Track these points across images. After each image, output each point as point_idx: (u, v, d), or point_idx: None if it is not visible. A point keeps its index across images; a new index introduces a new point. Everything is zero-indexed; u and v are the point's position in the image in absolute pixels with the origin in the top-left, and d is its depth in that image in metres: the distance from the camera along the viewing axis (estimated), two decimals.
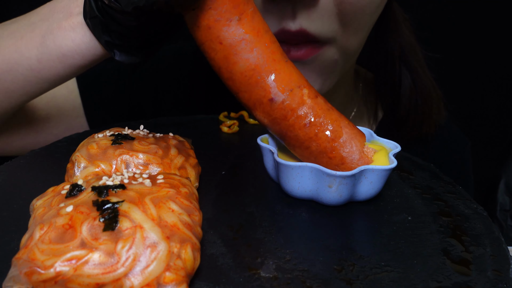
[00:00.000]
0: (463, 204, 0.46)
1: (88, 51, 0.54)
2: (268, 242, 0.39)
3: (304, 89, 0.44)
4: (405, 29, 0.83)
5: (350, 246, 0.39)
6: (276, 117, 0.44)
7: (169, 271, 0.31)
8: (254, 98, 0.45)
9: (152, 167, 0.44)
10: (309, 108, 0.44)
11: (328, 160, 0.45)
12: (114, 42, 0.52)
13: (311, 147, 0.44)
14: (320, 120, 0.44)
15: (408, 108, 0.84)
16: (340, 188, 0.42)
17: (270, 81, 0.44)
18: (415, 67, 0.83)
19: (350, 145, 0.44)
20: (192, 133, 0.61)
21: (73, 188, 0.36)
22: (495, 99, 1.47)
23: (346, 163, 0.44)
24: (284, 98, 0.44)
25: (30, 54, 0.55)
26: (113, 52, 0.53)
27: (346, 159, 0.44)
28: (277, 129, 0.46)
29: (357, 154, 0.45)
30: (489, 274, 0.35)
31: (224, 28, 0.42)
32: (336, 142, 0.44)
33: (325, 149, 0.44)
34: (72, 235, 0.31)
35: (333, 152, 0.44)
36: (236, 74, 0.44)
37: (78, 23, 0.53)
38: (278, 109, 0.44)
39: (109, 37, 0.51)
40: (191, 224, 0.35)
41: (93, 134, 0.48)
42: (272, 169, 0.47)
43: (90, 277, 0.30)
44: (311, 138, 0.44)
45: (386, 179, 0.44)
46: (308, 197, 0.45)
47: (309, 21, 0.62)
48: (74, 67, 0.56)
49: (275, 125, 0.45)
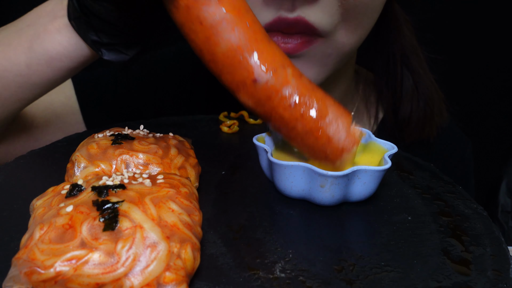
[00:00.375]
0: (463, 204, 0.46)
1: (76, 53, 0.54)
2: (268, 242, 0.39)
3: (288, 69, 0.43)
4: (406, 30, 0.82)
5: (350, 246, 0.39)
6: (260, 98, 0.43)
7: (169, 271, 0.31)
8: (237, 80, 0.43)
9: (152, 167, 0.44)
10: (294, 87, 0.43)
11: (315, 140, 0.44)
12: (101, 40, 0.51)
13: (297, 127, 0.43)
14: (305, 100, 0.43)
15: (409, 110, 0.83)
16: (332, 188, 0.42)
17: (253, 61, 0.42)
18: (416, 69, 0.83)
19: (336, 124, 0.43)
20: (192, 133, 0.61)
21: (73, 188, 0.36)
22: (497, 99, 1.47)
23: (332, 142, 0.43)
24: (268, 78, 0.42)
25: (19, 60, 0.55)
26: (100, 52, 0.52)
27: (332, 138, 0.43)
28: (262, 111, 0.44)
29: (343, 133, 0.43)
30: (489, 274, 0.35)
31: (204, 7, 0.41)
32: (322, 121, 0.43)
33: (311, 129, 0.43)
34: (72, 235, 0.31)
35: (319, 132, 0.43)
36: (218, 55, 0.43)
37: (63, 25, 0.53)
38: (262, 89, 0.43)
39: (95, 35, 0.51)
40: (191, 224, 0.35)
41: (93, 134, 0.48)
42: (267, 168, 0.47)
43: (90, 277, 0.30)
44: (297, 118, 0.43)
45: (380, 180, 0.44)
46: (301, 196, 0.45)
47: (309, 11, 0.60)
48: (63, 70, 0.56)
49: (259, 107, 0.44)
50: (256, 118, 0.67)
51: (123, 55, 0.53)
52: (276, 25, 0.61)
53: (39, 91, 0.58)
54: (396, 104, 0.84)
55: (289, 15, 0.60)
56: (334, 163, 0.45)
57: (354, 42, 0.68)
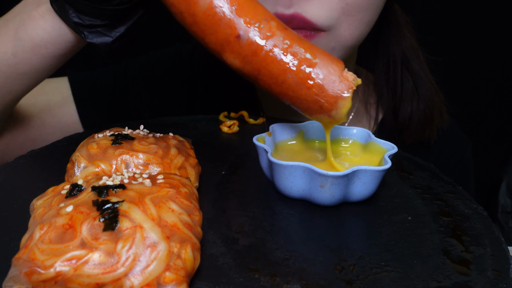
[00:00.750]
0: (463, 204, 0.46)
1: (60, 38, 0.54)
2: (268, 242, 0.39)
3: (272, 22, 0.43)
4: (406, 32, 0.82)
5: (350, 246, 0.39)
6: (246, 54, 0.42)
7: (169, 271, 0.31)
8: (221, 38, 0.42)
9: (152, 167, 0.44)
10: (279, 39, 0.42)
11: (307, 90, 0.42)
12: (83, 22, 0.51)
13: (287, 80, 0.42)
14: (292, 50, 0.42)
15: (409, 112, 0.83)
16: (332, 188, 0.42)
17: (235, 16, 0.41)
18: (417, 70, 0.83)
19: (327, 71, 0.42)
20: (192, 133, 0.61)
21: (73, 188, 0.36)
22: (497, 99, 1.47)
23: (325, 90, 0.42)
24: (253, 32, 0.42)
25: (6, 49, 0.55)
26: (83, 34, 0.52)
27: (324, 86, 0.42)
28: (250, 69, 0.43)
29: (336, 79, 0.42)
30: (489, 274, 0.35)
31: None
32: (313, 69, 0.42)
33: (302, 79, 0.42)
34: (72, 235, 0.31)
35: (310, 82, 0.42)
36: (198, 15, 0.42)
37: (46, 9, 0.53)
38: (247, 45, 0.42)
39: (77, 18, 0.51)
40: (191, 224, 0.35)
41: (93, 134, 0.48)
42: (267, 168, 0.47)
43: (90, 277, 0.30)
44: (285, 70, 0.42)
45: (380, 180, 0.44)
46: (301, 196, 0.45)
47: (306, 7, 0.60)
48: (49, 57, 0.56)
49: (247, 65, 0.43)
50: (256, 118, 0.67)
51: (106, 37, 0.52)
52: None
53: (28, 82, 0.58)
54: (396, 106, 0.84)
55: (285, 11, 0.60)
56: (330, 113, 0.43)
57: (357, 36, 0.67)
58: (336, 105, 0.42)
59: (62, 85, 0.82)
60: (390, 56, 0.82)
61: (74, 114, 0.81)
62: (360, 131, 0.52)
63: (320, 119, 0.44)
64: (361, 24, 0.65)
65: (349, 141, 0.52)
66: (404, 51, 0.82)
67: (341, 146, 0.52)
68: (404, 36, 0.82)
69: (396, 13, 0.81)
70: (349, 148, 0.52)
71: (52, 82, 0.82)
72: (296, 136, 0.53)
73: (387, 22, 0.80)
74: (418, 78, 0.83)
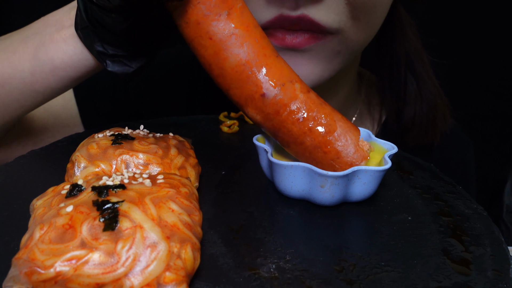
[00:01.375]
0: (463, 204, 0.46)
1: (80, 63, 0.54)
2: (268, 242, 0.39)
3: (296, 84, 0.44)
4: (411, 34, 0.81)
5: (350, 246, 0.39)
6: (268, 112, 0.44)
7: (169, 271, 0.31)
8: (245, 94, 0.44)
9: (152, 167, 0.44)
10: (302, 102, 0.44)
11: (323, 155, 0.44)
12: (106, 52, 0.52)
13: (306, 142, 0.44)
14: (313, 114, 0.44)
15: (412, 115, 0.82)
16: (332, 188, 0.42)
17: (262, 76, 0.43)
18: (420, 73, 0.82)
19: (345, 139, 0.44)
20: (192, 133, 0.61)
21: (73, 188, 0.36)
22: (500, 100, 1.46)
23: (341, 157, 0.44)
24: (276, 93, 0.43)
25: (23, 67, 0.55)
26: (105, 63, 0.52)
27: (341, 153, 0.44)
28: (270, 126, 0.45)
29: (352, 148, 0.44)
30: (489, 274, 0.35)
31: (214, 23, 0.42)
32: (331, 135, 0.44)
33: (320, 144, 0.44)
34: (72, 235, 0.31)
35: (328, 146, 0.44)
36: (226, 70, 0.44)
37: (70, 34, 0.53)
38: (270, 104, 0.44)
39: (101, 47, 0.51)
40: (191, 224, 0.35)
41: (93, 134, 0.48)
42: (267, 168, 0.47)
43: (90, 277, 0.30)
44: (305, 132, 0.44)
45: (380, 180, 0.44)
46: (301, 196, 0.45)
47: (313, 9, 0.60)
48: (67, 79, 0.56)
49: (268, 121, 0.45)
50: None
51: (127, 67, 0.53)
52: (278, 23, 0.61)
53: (41, 99, 0.59)
54: (399, 108, 0.83)
55: (291, 13, 0.60)
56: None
57: (363, 40, 0.67)
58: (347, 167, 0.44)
59: None
60: (394, 58, 0.82)
61: (76, 116, 0.81)
62: (361, 131, 0.52)
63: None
64: (368, 28, 0.65)
65: None
66: (408, 53, 0.81)
67: None
68: (408, 38, 0.81)
69: (401, 15, 0.81)
70: None
71: None
72: None
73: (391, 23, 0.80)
74: (422, 81, 0.82)
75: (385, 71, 0.84)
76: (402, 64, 0.82)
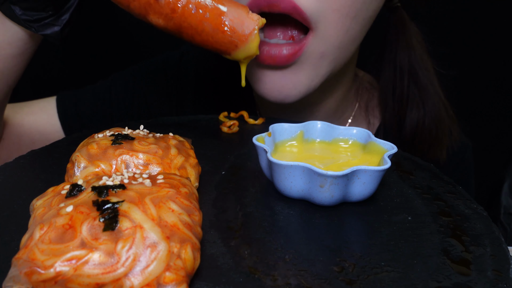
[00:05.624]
0: (463, 204, 0.46)
1: (14, 37, 0.60)
2: (268, 242, 0.39)
3: None
4: (416, 42, 0.78)
5: (350, 246, 0.39)
6: (167, 13, 0.51)
7: (169, 271, 0.31)
8: (143, 3, 0.50)
9: (152, 167, 0.44)
10: None
11: (223, 34, 0.52)
12: (31, 18, 0.57)
13: (205, 28, 0.51)
14: (204, 3, 0.51)
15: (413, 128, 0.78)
16: (331, 188, 0.42)
17: None
18: (424, 84, 0.78)
19: (235, 15, 0.51)
20: (192, 133, 0.61)
21: (73, 188, 0.36)
22: (499, 100, 1.46)
23: (237, 30, 0.51)
24: None
25: None
26: (33, 28, 0.58)
27: (235, 27, 0.51)
28: (173, 25, 0.51)
29: (243, 21, 0.51)
30: (489, 274, 0.35)
31: None
32: (223, 15, 0.51)
33: (217, 25, 0.51)
34: (72, 235, 0.31)
35: (223, 26, 0.51)
36: None
37: None
38: (165, 4, 0.50)
39: (24, 15, 0.57)
40: (191, 224, 0.35)
41: (93, 134, 0.48)
42: (267, 168, 0.47)
43: (90, 277, 0.30)
44: (201, 20, 0.51)
45: (379, 180, 0.44)
46: (300, 196, 0.45)
47: None
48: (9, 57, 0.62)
49: (169, 22, 0.51)
50: (256, 119, 0.67)
51: (55, 27, 0.59)
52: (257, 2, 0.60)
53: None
54: (401, 119, 0.80)
55: None
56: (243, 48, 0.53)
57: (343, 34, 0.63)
58: (247, 41, 0.53)
59: (49, 104, 0.85)
60: (397, 66, 0.79)
61: (60, 131, 0.84)
62: (360, 131, 0.52)
63: (238, 56, 0.54)
64: (347, 20, 0.62)
65: (349, 142, 0.52)
66: (412, 62, 0.78)
67: (341, 146, 0.52)
68: (413, 46, 0.78)
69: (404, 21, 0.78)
70: (349, 149, 0.52)
71: (40, 102, 0.86)
72: (296, 136, 0.53)
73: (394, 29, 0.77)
74: (426, 93, 0.78)
75: (387, 79, 0.81)
76: (405, 73, 0.78)
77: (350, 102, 0.87)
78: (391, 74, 0.80)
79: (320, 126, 0.53)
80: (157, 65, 0.92)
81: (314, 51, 0.63)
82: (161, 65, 0.92)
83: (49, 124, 0.83)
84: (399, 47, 0.78)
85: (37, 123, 0.82)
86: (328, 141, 0.53)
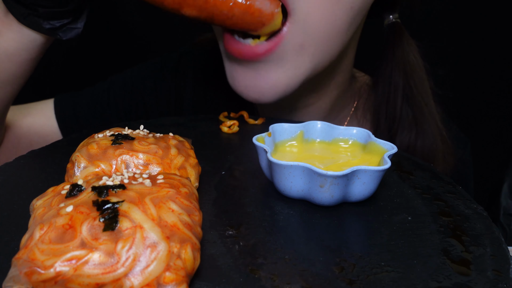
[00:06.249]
0: (463, 204, 0.46)
1: (31, 44, 0.61)
2: (268, 242, 0.39)
3: None
4: (412, 57, 0.74)
5: (350, 246, 0.39)
6: (200, 5, 0.55)
7: (169, 271, 0.31)
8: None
9: (152, 167, 0.44)
10: None
11: (251, 16, 0.56)
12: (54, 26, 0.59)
13: (235, 13, 0.56)
14: None
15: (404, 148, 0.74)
16: (331, 188, 0.42)
17: None
18: (419, 104, 0.74)
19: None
20: (192, 133, 0.61)
21: (73, 188, 0.36)
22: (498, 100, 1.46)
23: (263, 11, 0.56)
24: None
25: None
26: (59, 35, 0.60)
27: (262, 9, 0.56)
28: (206, 15, 0.55)
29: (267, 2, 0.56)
30: (489, 274, 0.35)
31: None
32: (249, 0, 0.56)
33: (245, 9, 0.56)
34: (72, 235, 0.31)
35: (251, 9, 0.56)
36: None
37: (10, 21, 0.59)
38: None
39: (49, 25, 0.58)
40: (191, 224, 0.35)
41: (93, 134, 0.48)
42: (267, 168, 0.47)
43: (90, 277, 0.30)
44: (232, 6, 0.55)
45: (379, 180, 0.44)
46: (300, 196, 0.45)
47: None
48: (25, 62, 0.63)
49: (203, 12, 0.55)
50: (256, 119, 0.67)
51: (76, 30, 0.61)
52: None
53: (10, 88, 0.65)
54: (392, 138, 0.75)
55: None
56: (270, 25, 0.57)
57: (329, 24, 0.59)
58: (273, 18, 0.57)
59: (46, 106, 0.86)
60: (391, 83, 0.74)
61: (58, 133, 0.84)
62: (360, 131, 0.52)
63: (263, 32, 0.58)
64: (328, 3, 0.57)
65: (349, 142, 0.52)
66: (408, 80, 0.73)
67: (341, 146, 0.52)
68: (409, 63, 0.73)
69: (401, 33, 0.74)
70: (349, 149, 0.52)
71: (38, 105, 0.86)
72: (296, 136, 0.53)
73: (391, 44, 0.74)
74: (420, 113, 0.74)
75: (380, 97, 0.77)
76: (399, 91, 0.74)
77: (346, 104, 0.84)
78: (384, 90, 0.76)
79: (320, 126, 0.53)
80: (156, 66, 0.92)
81: (293, 44, 0.59)
82: (159, 66, 0.92)
83: (47, 126, 0.84)
84: (394, 64, 0.74)
85: (35, 125, 0.82)
86: (328, 141, 0.53)
